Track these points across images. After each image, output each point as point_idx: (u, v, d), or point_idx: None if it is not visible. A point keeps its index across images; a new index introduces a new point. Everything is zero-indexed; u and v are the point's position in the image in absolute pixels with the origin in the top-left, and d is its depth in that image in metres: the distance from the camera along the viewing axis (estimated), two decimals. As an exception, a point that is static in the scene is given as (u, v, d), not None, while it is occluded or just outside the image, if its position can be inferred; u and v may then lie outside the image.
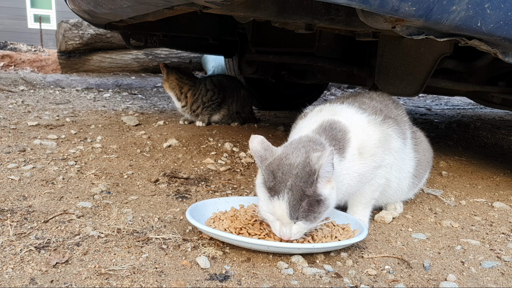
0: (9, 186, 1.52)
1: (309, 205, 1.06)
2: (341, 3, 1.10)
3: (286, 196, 1.05)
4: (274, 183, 1.07)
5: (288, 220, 1.06)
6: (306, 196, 1.05)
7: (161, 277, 0.99)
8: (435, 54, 1.77)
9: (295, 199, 1.05)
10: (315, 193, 1.06)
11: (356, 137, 1.23)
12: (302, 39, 2.26)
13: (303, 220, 1.07)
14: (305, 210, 1.06)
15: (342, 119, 1.26)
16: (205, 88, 2.78)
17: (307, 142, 1.16)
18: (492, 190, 1.84)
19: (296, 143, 1.16)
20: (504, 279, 1.08)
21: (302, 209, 1.05)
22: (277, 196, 1.06)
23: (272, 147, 1.14)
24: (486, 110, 4.74)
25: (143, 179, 1.71)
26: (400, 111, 1.44)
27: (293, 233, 1.08)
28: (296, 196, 1.05)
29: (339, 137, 1.21)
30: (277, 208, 1.06)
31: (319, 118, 1.28)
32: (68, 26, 5.28)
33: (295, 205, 1.05)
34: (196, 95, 2.75)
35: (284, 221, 1.07)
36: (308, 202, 1.05)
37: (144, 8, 1.65)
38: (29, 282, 0.94)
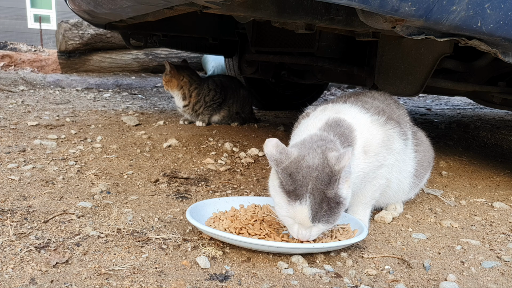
0: (9, 186, 1.52)
1: (330, 208, 1.04)
2: (341, 3, 1.10)
3: (308, 201, 1.03)
4: (294, 187, 1.04)
5: (310, 225, 1.05)
6: (327, 199, 1.04)
7: (161, 277, 0.99)
8: (435, 54, 1.77)
9: (316, 202, 1.03)
10: (336, 195, 1.05)
11: (361, 135, 1.24)
12: (302, 39, 2.26)
13: (323, 223, 1.06)
14: (327, 213, 1.04)
15: (347, 118, 1.26)
16: (207, 88, 2.78)
17: (320, 141, 1.14)
18: (492, 190, 1.84)
19: (309, 143, 1.13)
20: (504, 279, 1.08)
21: (324, 213, 1.04)
22: (299, 201, 1.04)
23: (287, 150, 1.10)
24: (486, 110, 4.74)
25: (143, 179, 1.71)
26: (402, 112, 1.44)
27: (312, 235, 1.08)
28: (317, 199, 1.03)
29: (347, 134, 1.21)
30: (299, 213, 1.04)
31: (324, 116, 1.27)
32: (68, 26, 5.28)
33: (317, 209, 1.03)
34: (200, 95, 2.76)
35: (305, 225, 1.06)
36: (329, 205, 1.04)
37: (144, 8, 1.65)
38: (29, 282, 0.94)
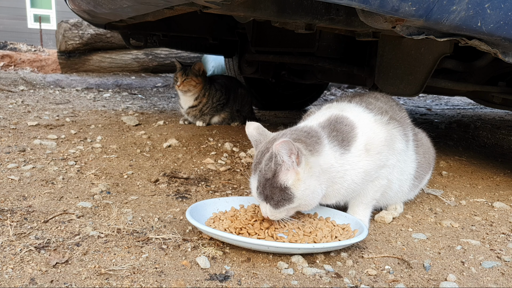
0: (9, 186, 1.52)
1: (270, 190, 1.12)
2: (341, 3, 1.10)
3: (256, 176, 1.15)
4: (255, 163, 1.18)
5: (258, 199, 1.16)
6: (267, 180, 1.12)
7: (161, 277, 0.99)
8: (435, 54, 1.77)
9: (259, 180, 1.14)
10: (274, 179, 1.12)
11: (364, 133, 1.25)
12: (302, 39, 2.26)
13: (270, 203, 1.13)
14: (271, 194, 1.12)
15: (350, 116, 1.28)
16: (215, 89, 2.81)
17: (298, 131, 1.22)
18: (492, 190, 1.84)
19: (289, 130, 1.24)
20: (504, 279, 1.08)
21: (265, 192, 1.13)
22: (253, 175, 1.17)
23: (267, 132, 1.25)
24: (486, 110, 4.74)
25: (143, 179, 1.71)
26: (403, 113, 1.45)
27: (267, 212, 1.15)
28: (261, 178, 1.14)
29: (344, 130, 1.23)
30: (252, 185, 1.18)
31: (327, 113, 1.32)
32: (68, 26, 5.28)
33: (262, 186, 1.13)
34: (210, 95, 2.77)
35: (258, 200, 1.17)
36: (272, 187, 1.12)
37: (144, 8, 1.65)
38: (29, 282, 0.94)
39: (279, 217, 1.18)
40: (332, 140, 1.21)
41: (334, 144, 1.21)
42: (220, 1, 1.20)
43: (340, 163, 1.20)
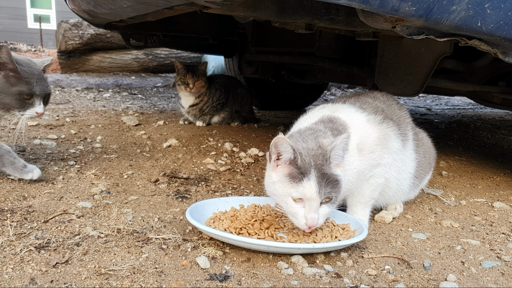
0: (9, 186, 1.52)
1: (330, 183, 1.11)
2: (341, 3, 1.10)
3: (313, 175, 1.10)
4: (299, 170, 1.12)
5: (317, 199, 1.11)
6: (326, 175, 1.11)
7: (161, 277, 0.99)
8: (435, 54, 1.77)
9: (319, 176, 1.11)
10: (332, 173, 1.12)
11: (356, 133, 1.25)
12: (302, 39, 2.26)
13: (327, 204, 1.13)
14: (328, 187, 1.11)
15: (342, 116, 1.28)
16: (214, 88, 2.81)
17: (312, 131, 1.22)
18: (492, 190, 1.84)
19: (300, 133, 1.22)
20: (504, 279, 1.08)
21: (326, 186, 1.11)
22: (306, 177, 1.11)
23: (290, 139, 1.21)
24: (486, 110, 4.74)
25: (143, 179, 1.71)
26: (403, 112, 1.45)
27: (320, 216, 1.12)
28: (319, 174, 1.11)
29: (340, 129, 1.24)
30: (307, 188, 1.10)
31: (319, 113, 1.32)
32: (68, 26, 5.28)
33: (321, 182, 1.10)
34: (210, 94, 2.78)
35: (313, 201, 1.11)
36: (329, 180, 1.11)
37: (144, 8, 1.65)
38: (29, 282, 0.94)
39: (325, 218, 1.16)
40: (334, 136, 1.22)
41: None
42: (220, 1, 1.20)
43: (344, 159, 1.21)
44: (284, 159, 1.14)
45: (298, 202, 1.12)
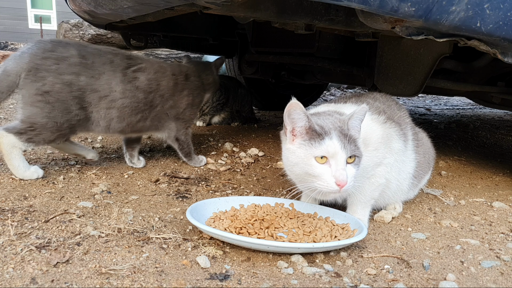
0: (10, 186, 1.52)
1: (353, 142, 1.15)
2: (341, 3, 1.10)
3: (334, 134, 1.13)
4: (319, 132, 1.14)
5: (342, 153, 1.12)
6: (347, 135, 1.15)
7: (161, 277, 1.00)
8: (435, 55, 1.78)
9: (340, 135, 1.14)
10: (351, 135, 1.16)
11: (362, 129, 1.25)
12: (302, 39, 2.27)
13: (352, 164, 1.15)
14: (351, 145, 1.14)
15: (347, 112, 1.29)
16: None
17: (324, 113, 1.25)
18: (491, 190, 1.84)
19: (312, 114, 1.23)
20: (503, 278, 1.09)
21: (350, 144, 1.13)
22: (328, 137, 1.13)
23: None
24: (485, 110, 4.75)
25: (143, 179, 1.71)
26: (403, 113, 1.45)
27: (348, 175, 1.13)
28: (340, 134, 1.14)
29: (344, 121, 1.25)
30: (330, 144, 1.12)
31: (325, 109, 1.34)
32: (68, 26, 5.29)
33: (343, 140, 1.13)
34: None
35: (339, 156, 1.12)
36: (351, 139, 1.14)
37: (145, 9, 1.66)
38: (29, 282, 0.94)
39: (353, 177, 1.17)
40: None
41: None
42: (221, 1, 1.20)
43: None
44: (300, 128, 1.15)
45: (323, 164, 1.13)
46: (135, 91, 1.66)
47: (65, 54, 1.54)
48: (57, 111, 1.52)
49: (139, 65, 1.70)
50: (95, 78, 1.58)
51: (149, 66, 1.74)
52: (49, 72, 1.50)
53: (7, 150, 1.50)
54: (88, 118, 1.60)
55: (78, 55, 1.56)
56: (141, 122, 1.72)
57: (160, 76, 1.76)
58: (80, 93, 1.55)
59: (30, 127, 1.50)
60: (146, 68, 1.72)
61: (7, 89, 1.49)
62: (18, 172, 1.55)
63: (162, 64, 1.83)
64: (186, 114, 1.86)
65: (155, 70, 1.75)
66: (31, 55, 1.50)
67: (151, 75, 1.72)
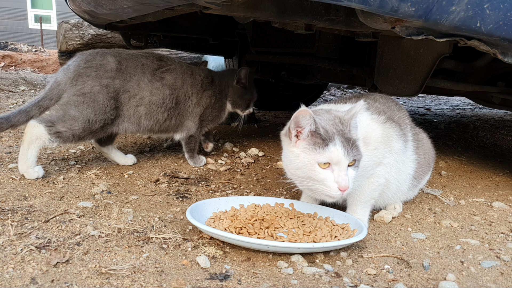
0: (10, 186, 1.52)
1: (354, 147, 1.16)
2: (341, 3, 1.10)
3: (338, 140, 1.15)
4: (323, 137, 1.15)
5: (345, 160, 1.14)
6: (349, 139, 1.16)
7: (161, 277, 1.00)
8: (435, 55, 1.78)
9: (343, 141, 1.15)
10: (352, 137, 1.17)
11: (361, 128, 1.26)
12: (302, 39, 2.27)
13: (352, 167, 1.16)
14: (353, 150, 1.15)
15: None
16: None
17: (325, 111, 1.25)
18: (491, 190, 1.84)
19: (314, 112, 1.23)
20: (503, 278, 1.09)
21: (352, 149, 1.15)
22: (332, 143, 1.15)
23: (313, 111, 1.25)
24: (485, 110, 4.75)
25: (143, 179, 1.71)
26: (402, 113, 1.46)
27: (350, 178, 1.15)
28: (343, 138, 1.16)
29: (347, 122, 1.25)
30: (334, 152, 1.14)
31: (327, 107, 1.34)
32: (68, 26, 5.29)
33: (346, 146, 1.15)
34: None
35: (341, 163, 1.14)
36: (351, 143, 1.16)
37: (145, 9, 1.66)
38: (29, 282, 0.94)
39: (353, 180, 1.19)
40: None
41: None
42: (220, 1, 1.20)
43: None
44: (306, 132, 1.16)
45: (325, 169, 1.15)
46: (162, 88, 1.81)
47: (103, 62, 1.72)
48: (91, 110, 1.65)
49: (168, 66, 1.86)
50: (127, 80, 1.74)
51: (178, 67, 1.89)
52: (89, 77, 1.67)
53: (30, 140, 1.59)
54: (119, 116, 1.73)
55: (114, 61, 1.73)
56: (167, 121, 1.84)
57: (187, 76, 1.90)
58: (115, 94, 1.70)
59: (62, 119, 1.62)
60: (175, 69, 1.87)
61: (56, 96, 1.66)
62: (25, 164, 1.60)
63: (191, 66, 1.98)
64: (206, 114, 1.96)
65: (183, 71, 1.90)
66: (75, 66, 1.69)
67: (178, 75, 1.87)
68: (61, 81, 1.67)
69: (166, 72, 1.83)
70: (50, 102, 1.65)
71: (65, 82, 1.67)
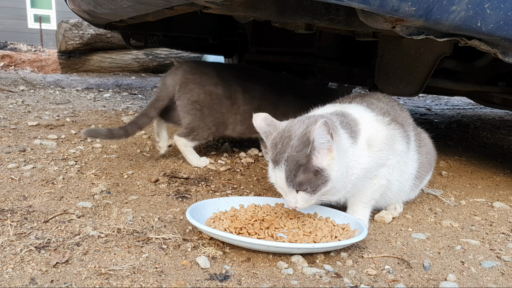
0: (9, 186, 1.52)
1: (305, 175, 1.10)
2: (342, 3, 1.10)
3: (284, 166, 1.10)
4: (276, 154, 1.13)
5: (287, 189, 1.12)
6: (301, 166, 1.09)
7: (161, 277, 0.99)
8: (435, 54, 1.77)
9: (290, 169, 1.10)
10: (309, 163, 1.10)
11: (366, 129, 1.25)
12: (302, 39, 2.26)
13: (304, 190, 1.11)
14: (301, 179, 1.10)
15: (353, 112, 1.29)
16: None
17: (315, 117, 1.20)
18: (492, 190, 1.84)
19: (302, 117, 1.22)
20: (504, 279, 1.09)
21: (298, 179, 1.10)
22: (278, 167, 1.12)
23: (276, 122, 1.21)
24: (486, 110, 4.75)
25: (143, 179, 1.71)
26: (405, 114, 1.45)
27: (298, 202, 1.13)
28: (291, 165, 1.10)
29: (351, 125, 1.24)
30: (278, 177, 1.13)
31: (332, 108, 1.33)
32: (68, 26, 5.28)
33: (290, 175, 1.10)
34: None
35: (285, 190, 1.14)
36: (304, 172, 1.09)
37: (144, 8, 1.65)
38: (29, 282, 0.94)
39: (310, 204, 1.16)
40: (344, 128, 1.22)
41: (346, 131, 1.22)
42: (220, 1, 1.20)
43: (351, 152, 1.22)
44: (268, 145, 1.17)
45: None
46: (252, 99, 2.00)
47: (206, 70, 1.94)
48: (205, 115, 1.89)
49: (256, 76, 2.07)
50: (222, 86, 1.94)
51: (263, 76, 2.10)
52: (195, 84, 1.88)
53: (183, 149, 1.93)
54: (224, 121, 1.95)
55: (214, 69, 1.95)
56: None
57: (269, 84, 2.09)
58: (218, 101, 1.92)
59: (191, 130, 1.90)
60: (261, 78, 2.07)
61: (166, 97, 1.88)
62: (193, 162, 1.93)
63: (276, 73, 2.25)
64: None
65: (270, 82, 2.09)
66: (182, 71, 1.91)
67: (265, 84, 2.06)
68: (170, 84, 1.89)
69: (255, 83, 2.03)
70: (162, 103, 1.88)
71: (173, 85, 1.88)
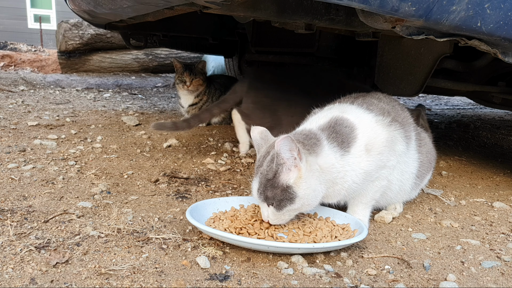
0: (9, 186, 1.52)
1: (271, 190, 1.13)
2: (342, 3, 1.10)
3: (258, 179, 1.17)
4: (256, 167, 1.20)
5: (259, 201, 1.18)
6: (268, 181, 1.14)
7: (161, 277, 0.99)
8: (435, 54, 1.77)
9: (260, 182, 1.15)
10: (276, 179, 1.13)
11: (364, 134, 1.25)
12: (302, 39, 2.26)
13: (272, 206, 1.15)
14: (268, 194, 1.14)
15: (351, 117, 1.28)
16: (214, 88, 2.85)
17: (296, 134, 1.25)
18: (492, 190, 1.84)
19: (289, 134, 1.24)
20: (504, 279, 1.09)
21: (266, 193, 1.14)
22: (255, 178, 1.19)
23: (270, 136, 1.27)
24: (486, 110, 4.75)
25: (143, 179, 1.71)
26: (406, 114, 1.45)
27: (269, 216, 1.17)
28: (262, 179, 1.15)
29: (344, 132, 1.24)
30: (253, 189, 1.19)
31: (328, 114, 1.33)
32: (68, 26, 5.28)
33: (263, 188, 1.14)
34: (209, 94, 2.81)
35: (259, 201, 1.19)
36: (270, 187, 1.13)
37: (144, 8, 1.65)
38: (29, 282, 0.94)
39: (281, 221, 1.18)
40: (331, 141, 1.22)
41: (334, 145, 1.21)
42: (220, 1, 1.20)
43: (341, 164, 1.21)
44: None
45: None
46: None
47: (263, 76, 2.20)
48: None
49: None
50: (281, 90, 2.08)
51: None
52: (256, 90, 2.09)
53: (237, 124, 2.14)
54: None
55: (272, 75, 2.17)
56: None
57: None
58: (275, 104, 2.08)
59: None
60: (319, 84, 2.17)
61: (233, 102, 2.08)
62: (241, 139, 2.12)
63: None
64: None
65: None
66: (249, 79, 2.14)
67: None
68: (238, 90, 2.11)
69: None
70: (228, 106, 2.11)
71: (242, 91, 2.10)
